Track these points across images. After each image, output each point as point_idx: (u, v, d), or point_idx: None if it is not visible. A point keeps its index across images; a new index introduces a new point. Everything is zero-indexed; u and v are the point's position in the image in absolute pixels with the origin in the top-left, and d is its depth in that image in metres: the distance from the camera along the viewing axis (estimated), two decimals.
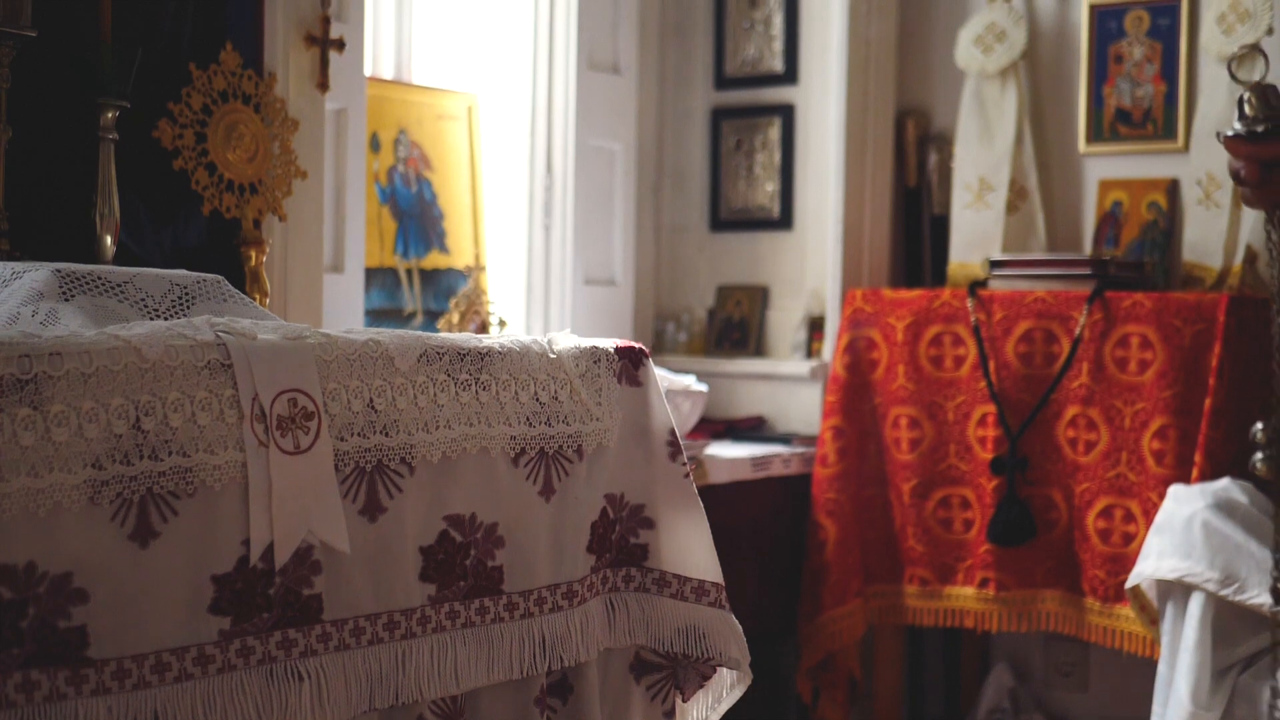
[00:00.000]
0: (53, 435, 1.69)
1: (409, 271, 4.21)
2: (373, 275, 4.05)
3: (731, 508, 4.14)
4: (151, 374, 1.79)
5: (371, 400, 2.02)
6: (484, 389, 2.16)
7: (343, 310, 3.69)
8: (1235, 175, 1.54)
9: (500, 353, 2.20)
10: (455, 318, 4.11)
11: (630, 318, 4.86)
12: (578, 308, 4.63)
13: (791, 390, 4.72)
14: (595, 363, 2.32)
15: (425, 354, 2.10)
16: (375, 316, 4.07)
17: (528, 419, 2.21)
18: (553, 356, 2.27)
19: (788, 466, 4.42)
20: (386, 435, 2.03)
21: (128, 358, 1.77)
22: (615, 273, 4.80)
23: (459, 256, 4.32)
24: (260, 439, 1.88)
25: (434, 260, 4.28)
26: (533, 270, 4.62)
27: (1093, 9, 4.56)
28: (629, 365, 2.36)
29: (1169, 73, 4.44)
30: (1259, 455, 3.13)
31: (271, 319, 2.21)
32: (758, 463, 4.31)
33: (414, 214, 4.24)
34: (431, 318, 4.19)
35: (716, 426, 4.61)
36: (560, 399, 2.26)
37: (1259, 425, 3.11)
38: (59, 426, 1.69)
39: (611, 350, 2.35)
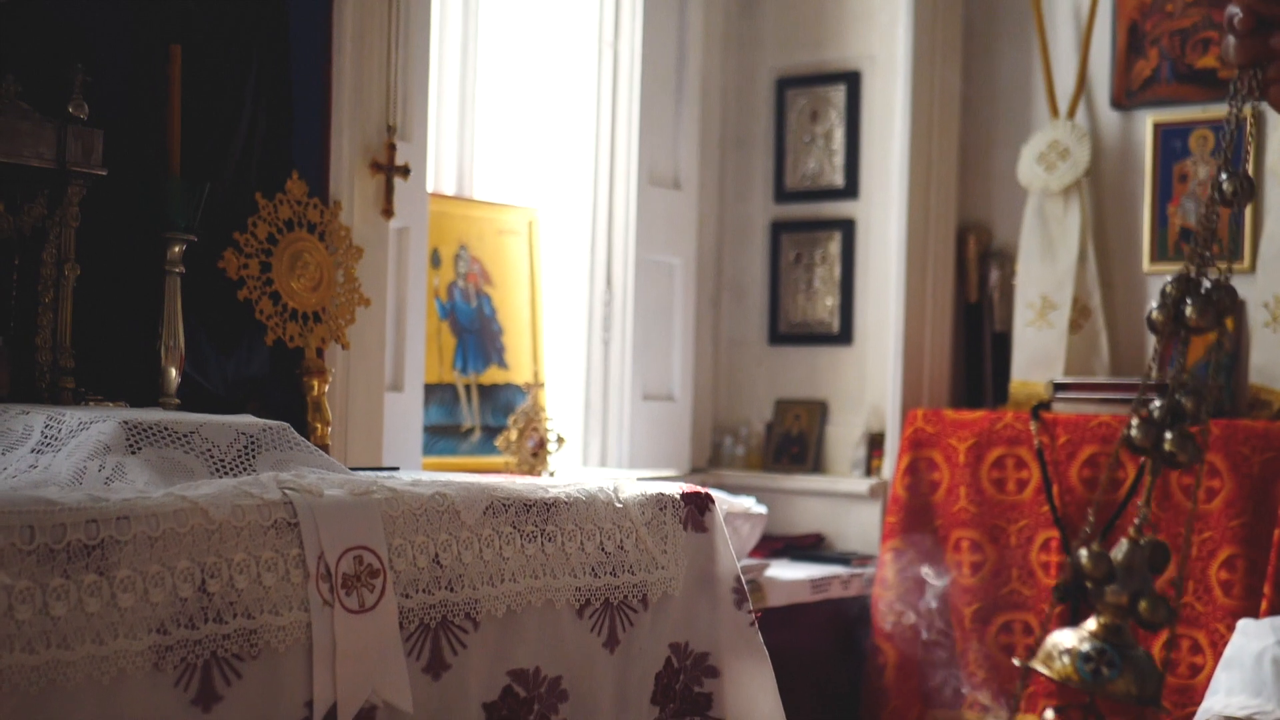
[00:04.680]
0: (118, 601, 1.67)
1: (468, 387, 4.20)
2: (431, 391, 4.03)
3: (790, 630, 4.09)
4: (218, 535, 1.77)
5: (437, 555, 2.00)
6: (549, 540, 2.13)
7: (401, 428, 3.68)
8: (1230, 21, 1.51)
9: (566, 503, 2.17)
10: (513, 434, 4.08)
11: (688, 432, 4.83)
12: (636, 423, 4.60)
13: (850, 508, 4.67)
14: (661, 509, 2.29)
15: (491, 506, 2.07)
16: (434, 433, 4.05)
17: (593, 569, 2.18)
18: (619, 505, 2.24)
19: (846, 588, 4.37)
20: (451, 590, 2.01)
21: (194, 519, 1.75)
22: (674, 388, 4.78)
23: (518, 372, 4.31)
24: (325, 598, 1.86)
25: (493, 376, 4.27)
26: (591, 385, 4.61)
27: (1157, 127, 4.54)
28: (695, 511, 2.33)
29: None
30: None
31: (339, 470, 2.19)
32: (816, 585, 4.26)
33: (473, 329, 4.24)
34: (490, 434, 4.18)
35: (775, 544, 4.56)
36: (626, 548, 2.23)
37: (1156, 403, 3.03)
38: (125, 592, 1.67)
39: (678, 496, 2.32)
